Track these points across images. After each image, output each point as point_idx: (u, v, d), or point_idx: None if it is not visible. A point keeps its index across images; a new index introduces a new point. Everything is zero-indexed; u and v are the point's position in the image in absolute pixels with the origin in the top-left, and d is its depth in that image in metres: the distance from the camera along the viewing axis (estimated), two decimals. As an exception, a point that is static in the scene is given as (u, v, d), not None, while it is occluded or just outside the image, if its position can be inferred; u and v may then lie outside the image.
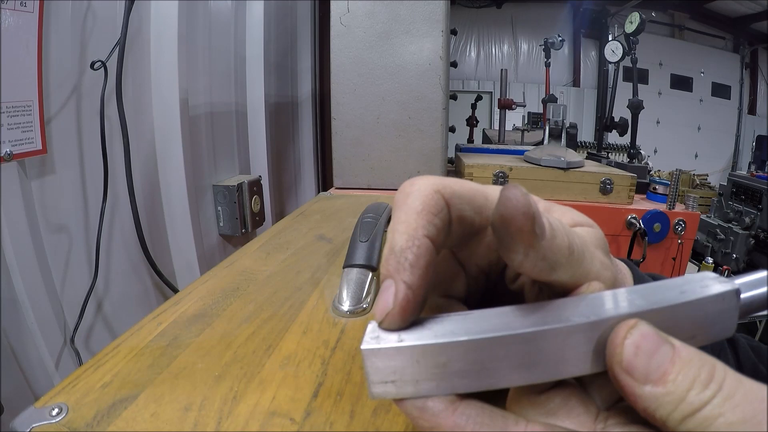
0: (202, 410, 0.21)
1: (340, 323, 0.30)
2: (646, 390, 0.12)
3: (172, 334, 0.28)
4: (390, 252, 0.15)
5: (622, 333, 0.13)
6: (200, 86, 0.97)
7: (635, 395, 0.13)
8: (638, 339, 0.13)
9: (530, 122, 2.88)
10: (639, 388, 0.12)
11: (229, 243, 1.10)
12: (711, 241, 2.24)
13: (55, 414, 0.21)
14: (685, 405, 0.12)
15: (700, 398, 0.12)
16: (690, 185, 4.19)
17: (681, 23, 5.03)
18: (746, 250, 2.09)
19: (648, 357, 0.13)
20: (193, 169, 0.91)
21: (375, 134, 0.92)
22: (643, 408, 0.13)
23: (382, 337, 0.15)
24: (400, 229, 0.15)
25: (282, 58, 1.36)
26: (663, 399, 0.12)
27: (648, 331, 0.13)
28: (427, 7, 0.87)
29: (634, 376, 0.13)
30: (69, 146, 0.68)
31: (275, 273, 0.39)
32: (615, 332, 0.13)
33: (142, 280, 0.85)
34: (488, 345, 0.14)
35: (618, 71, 2.05)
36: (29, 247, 0.61)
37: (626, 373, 0.13)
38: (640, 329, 0.13)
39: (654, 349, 0.13)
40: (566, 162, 0.97)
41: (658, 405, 0.12)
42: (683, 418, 0.12)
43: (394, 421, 0.20)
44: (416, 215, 0.15)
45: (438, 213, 0.15)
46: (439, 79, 0.89)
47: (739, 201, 2.20)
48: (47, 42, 0.62)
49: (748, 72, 5.23)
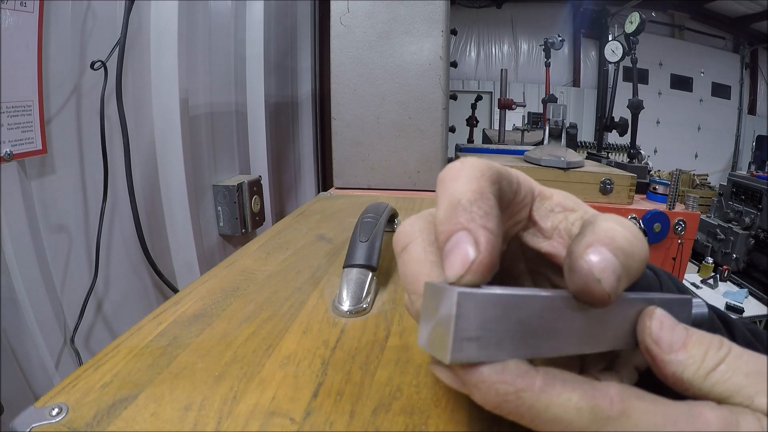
0: (202, 410, 0.21)
1: (340, 323, 0.30)
2: (672, 357, 0.15)
3: (172, 334, 0.28)
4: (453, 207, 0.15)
5: (648, 313, 0.16)
6: (200, 86, 0.97)
7: (664, 361, 0.15)
8: (660, 317, 0.16)
9: (530, 122, 2.88)
10: (666, 356, 0.15)
11: (229, 243, 1.10)
12: (711, 241, 2.24)
13: (55, 414, 0.21)
14: (706, 363, 0.15)
15: (718, 356, 0.15)
16: (690, 185, 4.19)
17: (681, 23, 5.03)
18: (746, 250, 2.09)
19: (670, 330, 0.16)
20: (193, 169, 0.91)
21: (375, 134, 0.92)
22: (672, 373, 0.15)
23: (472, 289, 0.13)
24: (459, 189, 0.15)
25: (282, 58, 1.36)
26: (687, 362, 0.15)
27: (665, 313, 0.16)
28: (427, 7, 0.87)
29: (661, 346, 0.15)
30: (69, 146, 0.68)
31: (275, 273, 0.39)
32: (643, 314, 0.17)
33: (142, 280, 0.85)
34: (563, 305, 0.15)
35: (618, 71, 2.05)
36: (29, 247, 0.61)
37: (655, 343, 0.16)
38: (659, 312, 0.17)
39: (673, 325, 0.16)
40: (566, 162, 0.97)
41: (684, 367, 0.15)
42: (706, 374, 0.14)
43: (394, 420, 0.20)
44: (477, 180, 0.15)
45: (495, 183, 0.16)
46: (439, 79, 0.89)
47: (739, 201, 2.20)
48: (47, 42, 0.62)
49: (748, 72, 5.23)
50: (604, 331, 0.16)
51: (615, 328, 0.16)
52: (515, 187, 0.18)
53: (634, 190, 0.97)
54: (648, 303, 0.17)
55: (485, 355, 0.13)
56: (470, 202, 0.15)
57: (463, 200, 0.15)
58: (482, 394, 0.14)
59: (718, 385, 0.14)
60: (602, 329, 0.16)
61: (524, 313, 0.14)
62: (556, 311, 0.15)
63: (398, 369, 0.24)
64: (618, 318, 0.16)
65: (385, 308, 0.33)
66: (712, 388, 0.14)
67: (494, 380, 0.13)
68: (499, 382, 0.13)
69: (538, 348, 0.14)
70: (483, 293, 0.13)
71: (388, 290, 0.37)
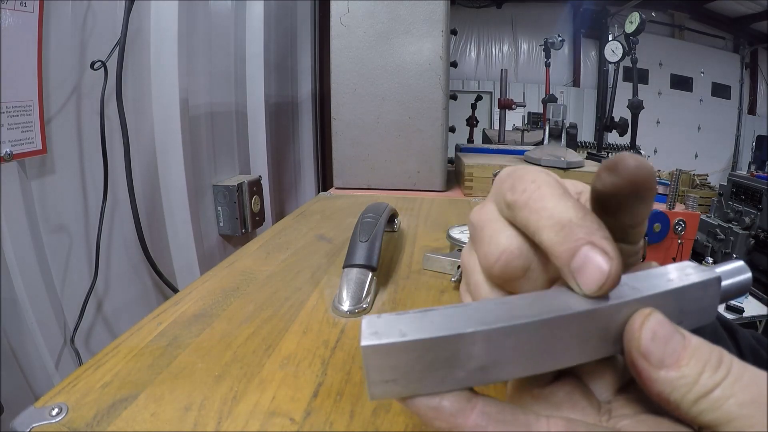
0: (202, 410, 0.21)
1: (340, 323, 0.30)
2: (662, 374, 0.13)
3: (172, 334, 0.28)
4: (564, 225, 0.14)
5: (639, 320, 0.14)
6: (200, 86, 0.97)
7: (651, 379, 0.13)
8: (654, 326, 0.14)
9: (530, 122, 2.88)
10: (655, 373, 0.13)
11: (229, 243, 1.10)
12: (711, 241, 2.24)
13: (55, 414, 0.21)
14: (698, 387, 0.13)
15: (713, 380, 0.12)
16: (690, 185, 4.19)
17: (681, 23, 5.03)
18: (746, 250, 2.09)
19: (663, 343, 0.13)
20: (193, 169, 0.91)
21: (375, 134, 0.92)
22: (658, 392, 0.13)
23: (381, 332, 0.13)
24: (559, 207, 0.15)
25: (282, 58, 1.36)
26: (677, 382, 0.13)
27: (662, 319, 0.14)
28: (427, 7, 0.87)
29: (650, 361, 0.13)
30: (69, 146, 0.68)
31: (275, 273, 0.39)
32: (632, 320, 0.14)
33: (142, 280, 0.85)
34: (498, 335, 0.13)
35: (618, 71, 2.05)
36: (29, 247, 0.61)
37: (643, 357, 0.13)
38: (655, 317, 0.14)
39: (668, 336, 0.13)
40: (566, 162, 0.97)
41: (672, 388, 0.13)
42: (696, 399, 0.12)
43: (394, 420, 0.20)
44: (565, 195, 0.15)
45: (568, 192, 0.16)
46: (439, 79, 0.89)
47: (739, 201, 2.20)
48: (47, 42, 0.62)
49: (748, 72, 5.23)
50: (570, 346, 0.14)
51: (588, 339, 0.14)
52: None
53: (634, 190, 0.97)
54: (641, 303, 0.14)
55: (410, 391, 0.13)
56: (579, 218, 0.14)
57: (574, 218, 0.14)
58: (425, 424, 0.14)
59: (708, 413, 0.12)
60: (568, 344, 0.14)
61: (451, 350, 0.13)
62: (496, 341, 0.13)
63: (398, 369, 0.24)
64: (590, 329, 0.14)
65: (385, 308, 0.33)
66: (700, 414, 0.12)
67: (430, 416, 0.13)
68: (435, 418, 0.13)
69: (475, 378, 0.14)
70: (390, 343, 0.13)
71: (388, 290, 0.37)
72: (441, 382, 0.13)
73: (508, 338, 0.13)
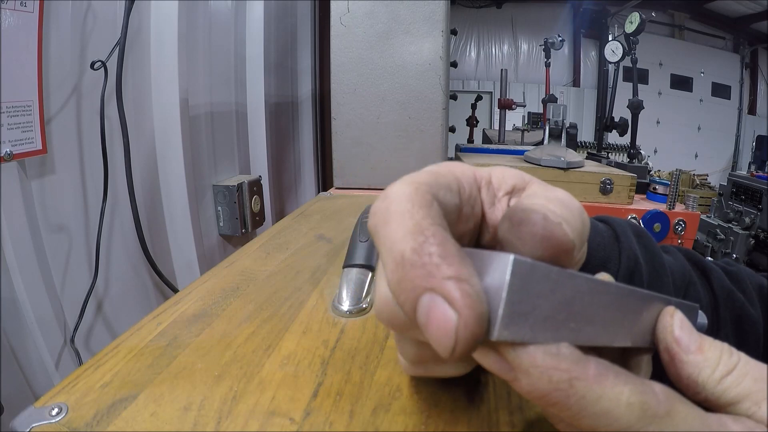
0: (201, 410, 0.21)
1: (340, 323, 0.30)
2: (690, 357, 0.15)
3: (171, 334, 0.28)
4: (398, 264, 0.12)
5: (670, 312, 0.17)
6: (200, 86, 0.97)
7: (683, 362, 0.16)
8: (680, 317, 0.17)
9: (530, 122, 2.87)
10: (685, 356, 0.16)
11: (229, 243, 1.10)
12: (711, 241, 2.24)
13: (54, 414, 0.21)
14: (720, 366, 0.15)
15: (732, 361, 0.15)
16: (690, 185, 4.19)
17: (681, 23, 5.03)
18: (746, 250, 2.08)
19: (689, 332, 0.16)
20: (193, 169, 0.91)
21: (375, 134, 0.92)
22: (688, 374, 0.15)
23: None
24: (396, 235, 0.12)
25: (282, 58, 1.36)
26: (703, 364, 0.15)
27: (683, 315, 0.17)
28: (427, 7, 0.87)
29: (681, 346, 0.16)
30: (69, 146, 0.68)
31: (275, 273, 0.39)
32: (664, 313, 0.17)
33: (142, 280, 0.85)
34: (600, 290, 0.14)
35: (618, 71, 2.05)
36: (29, 247, 0.61)
37: (676, 342, 0.16)
38: (679, 313, 0.17)
39: (690, 328, 0.16)
40: (566, 162, 0.97)
41: (700, 369, 0.15)
42: (721, 378, 0.15)
43: (393, 420, 0.20)
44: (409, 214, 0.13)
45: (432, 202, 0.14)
46: (439, 79, 0.89)
47: (739, 201, 2.20)
48: (47, 42, 0.62)
49: (748, 72, 5.23)
50: (631, 324, 0.16)
51: (638, 323, 0.16)
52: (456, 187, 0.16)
53: (634, 190, 0.97)
54: (666, 302, 0.17)
55: (532, 334, 0.12)
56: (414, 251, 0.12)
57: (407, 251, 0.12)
58: (532, 381, 0.12)
59: (729, 390, 0.15)
60: (630, 322, 0.16)
61: (569, 292, 0.13)
62: (595, 295, 0.14)
63: (398, 369, 0.24)
64: (641, 312, 0.16)
65: (384, 308, 0.33)
66: (723, 392, 0.15)
67: (548, 365, 0.12)
68: (553, 368, 0.12)
69: (577, 333, 0.13)
70: (538, 263, 0.12)
71: (387, 290, 0.36)
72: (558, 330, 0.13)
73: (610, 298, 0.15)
